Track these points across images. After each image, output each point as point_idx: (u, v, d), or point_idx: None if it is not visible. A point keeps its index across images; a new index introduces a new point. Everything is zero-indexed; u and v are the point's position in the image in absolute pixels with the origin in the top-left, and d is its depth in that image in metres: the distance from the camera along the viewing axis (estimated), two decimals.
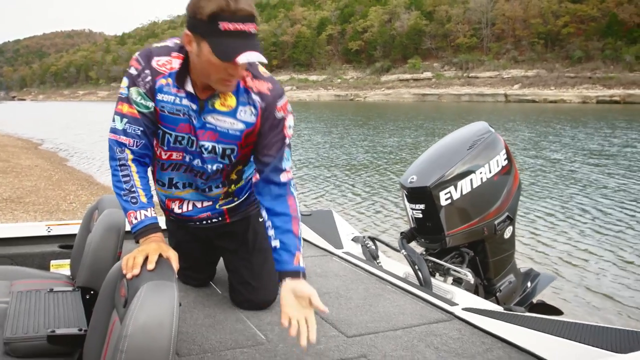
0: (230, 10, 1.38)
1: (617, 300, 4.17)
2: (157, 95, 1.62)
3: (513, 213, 2.53)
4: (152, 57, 1.61)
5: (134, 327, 1.15)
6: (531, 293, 2.73)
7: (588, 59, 66.75)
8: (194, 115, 1.63)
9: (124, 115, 1.62)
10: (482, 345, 1.70)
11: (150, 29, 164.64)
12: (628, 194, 8.29)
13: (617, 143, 15.81)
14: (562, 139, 17.35)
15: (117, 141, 1.63)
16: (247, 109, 1.63)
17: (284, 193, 1.68)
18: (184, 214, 1.88)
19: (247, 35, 1.41)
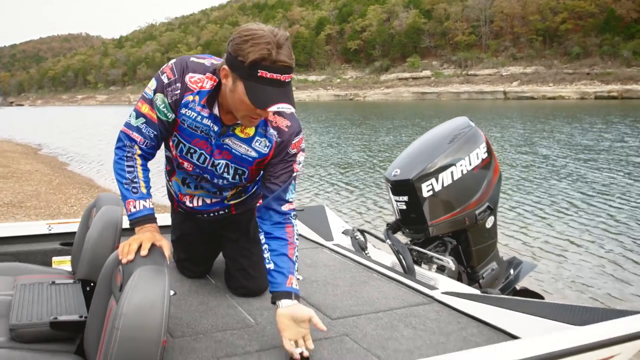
0: (272, 60, 1.46)
1: (592, 286, 4.33)
2: (181, 109, 1.70)
3: (494, 203, 2.64)
4: (187, 71, 1.68)
5: (129, 306, 1.26)
6: (514, 280, 2.84)
7: (586, 55, 66.85)
8: (214, 135, 1.72)
9: (142, 115, 1.70)
10: (458, 325, 1.81)
11: (147, 32, 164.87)
12: (614, 187, 8.42)
13: (609, 138, 15.92)
14: (555, 135, 17.46)
15: (128, 136, 1.72)
16: (262, 140, 1.73)
17: (284, 221, 1.75)
18: (195, 208, 2.01)
19: (281, 83, 1.49)
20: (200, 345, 1.62)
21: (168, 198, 2.17)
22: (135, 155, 1.72)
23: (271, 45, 1.45)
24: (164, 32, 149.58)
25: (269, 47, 1.45)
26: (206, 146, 1.76)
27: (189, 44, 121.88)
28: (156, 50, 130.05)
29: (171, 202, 2.12)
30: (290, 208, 1.77)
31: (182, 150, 1.80)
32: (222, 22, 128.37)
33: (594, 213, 6.74)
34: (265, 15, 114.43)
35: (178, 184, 1.99)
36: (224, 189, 1.94)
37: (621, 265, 4.78)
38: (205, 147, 1.76)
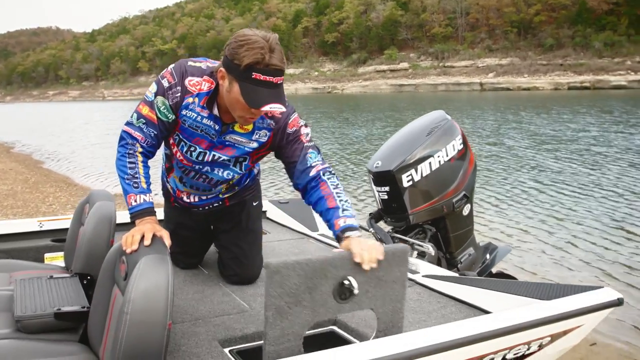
0: (265, 64, 1.59)
1: (562, 265, 4.60)
2: (182, 111, 1.82)
3: (470, 192, 2.79)
4: (186, 75, 1.80)
5: (136, 292, 1.37)
6: (490, 264, 3.01)
7: (559, 47, 68.06)
8: (215, 133, 1.85)
9: (143, 116, 1.82)
10: (438, 304, 1.96)
11: (121, 25, 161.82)
12: (572, 175, 8.73)
13: (573, 128, 16.37)
14: (523, 125, 17.84)
15: (130, 134, 1.83)
16: (261, 132, 1.86)
17: (316, 184, 1.80)
18: (192, 203, 2.13)
19: (273, 85, 1.62)
20: (200, 330, 1.73)
21: (162, 194, 2.26)
22: (136, 153, 1.82)
23: (264, 50, 1.57)
24: (137, 25, 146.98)
25: (262, 51, 1.57)
26: (206, 144, 1.88)
27: (164, 37, 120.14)
28: (130, 44, 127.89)
29: (167, 197, 2.23)
30: (318, 170, 1.81)
31: (182, 147, 1.92)
32: (198, 15, 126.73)
33: (553, 201, 7.02)
34: (242, 8, 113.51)
35: (175, 182, 2.10)
36: (218, 184, 2.05)
37: (583, 248, 5.05)
38: (204, 144, 1.88)
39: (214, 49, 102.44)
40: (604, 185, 7.83)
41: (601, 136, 13.88)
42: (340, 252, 1.49)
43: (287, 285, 1.33)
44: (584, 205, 6.70)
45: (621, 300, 1.76)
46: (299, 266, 1.36)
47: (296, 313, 1.37)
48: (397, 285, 1.54)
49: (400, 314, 1.56)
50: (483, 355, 1.57)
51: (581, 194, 7.38)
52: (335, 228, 1.69)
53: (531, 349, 1.70)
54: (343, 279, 1.44)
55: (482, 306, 1.89)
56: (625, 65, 58.99)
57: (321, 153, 1.88)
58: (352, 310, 1.48)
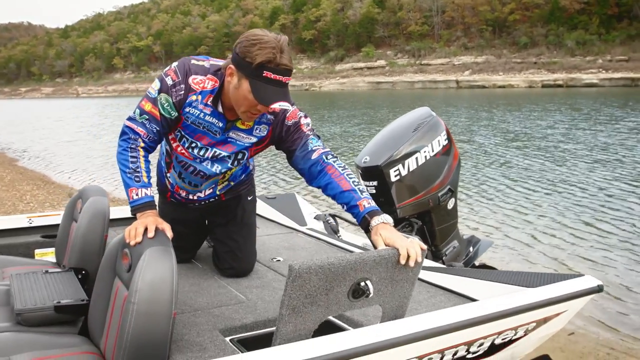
0: (276, 63, 1.65)
1: (540, 256, 4.75)
2: (185, 108, 1.86)
3: (454, 186, 2.89)
4: (190, 73, 1.84)
5: (142, 283, 1.41)
6: (473, 256, 3.11)
7: (533, 45, 69.27)
8: (219, 130, 1.89)
9: (146, 112, 1.86)
10: (427, 294, 2.04)
11: (95, 21, 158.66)
12: (538, 171, 8.96)
13: (542, 125, 16.73)
14: (493, 122, 18.16)
15: (133, 129, 1.86)
16: (261, 127, 1.92)
17: (322, 168, 1.82)
18: (189, 199, 2.17)
19: (282, 84, 1.68)
20: (200, 320, 1.78)
21: (158, 190, 2.29)
22: (138, 147, 1.86)
23: (276, 49, 1.63)
24: (112, 21, 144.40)
25: (274, 51, 1.63)
26: (207, 140, 1.93)
27: (139, 34, 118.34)
28: (105, 41, 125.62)
29: (163, 192, 2.26)
30: (320, 153, 1.84)
31: (184, 143, 1.96)
32: (174, 11, 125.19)
33: (520, 196, 7.23)
34: (218, 5, 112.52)
35: (175, 177, 2.13)
36: (213, 179, 2.09)
37: (562, 237, 5.25)
38: (206, 141, 1.93)
39: (190, 46, 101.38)
40: (570, 180, 8.08)
41: (569, 133, 14.22)
42: (362, 253, 1.49)
43: (307, 288, 1.37)
44: (549, 200, 6.91)
45: (601, 287, 1.86)
46: (322, 270, 1.39)
47: (310, 311, 1.41)
48: (408, 284, 1.59)
49: (404, 308, 1.62)
50: (473, 340, 1.65)
51: (546, 188, 7.59)
52: (360, 209, 1.70)
53: (518, 334, 1.80)
54: (361, 280, 1.47)
55: (470, 294, 1.97)
56: (596, 64, 60.41)
57: (322, 140, 1.92)
58: (362, 307, 1.53)
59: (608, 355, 3.07)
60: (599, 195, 7.06)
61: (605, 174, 8.45)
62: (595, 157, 10.09)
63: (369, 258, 1.48)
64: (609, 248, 4.96)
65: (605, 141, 12.29)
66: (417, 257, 1.52)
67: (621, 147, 11.35)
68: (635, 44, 60.53)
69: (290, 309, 1.37)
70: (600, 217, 6.00)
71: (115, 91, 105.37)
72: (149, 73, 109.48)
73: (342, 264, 1.42)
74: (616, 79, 55.44)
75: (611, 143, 12.00)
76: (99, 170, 11.19)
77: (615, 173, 8.46)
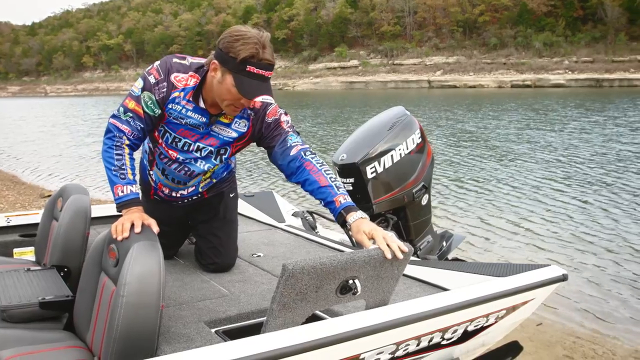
0: (259, 58, 1.71)
1: (509, 250, 4.94)
2: (168, 105, 1.91)
3: (428, 183, 2.98)
4: (172, 71, 1.89)
5: (131, 276, 1.46)
6: (446, 251, 3.21)
7: (502, 46, 70.67)
8: (202, 125, 1.94)
9: (130, 110, 1.90)
10: (404, 285, 2.13)
11: (63, 18, 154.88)
12: (482, 170, 9.28)
13: (493, 124, 17.19)
14: (450, 122, 18.54)
15: (117, 127, 1.90)
16: (241, 122, 1.97)
17: (300, 164, 1.89)
18: (172, 196, 2.21)
19: (264, 78, 1.75)
20: (185, 313, 1.83)
21: (141, 188, 2.31)
22: (123, 145, 1.89)
23: (259, 45, 1.70)
24: (81, 19, 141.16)
25: (257, 46, 1.70)
26: (190, 135, 1.97)
27: (110, 32, 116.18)
28: (74, 39, 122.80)
29: (146, 191, 2.28)
30: (298, 150, 1.91)
31: (167, 139, 2.00)
32: (145, 9, 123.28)
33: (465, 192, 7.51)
34: (190, 3, 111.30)
35: (158, 175, 2.17)
36: (196, 176, 2.13)
37: (520, 233, 5.45)
38: (189, 136, 1.98)
39: (162, 45, 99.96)
40: (508, 179, 8.36)
41: (519, 133, 14.60)
42: (352, 253, 1.54)
43: (299, 286, 1.43)
44: (498, 196, 7.22)
45: (566, 276, 1.98)
46: (314, 270, 1.44)
47: (300, 307, 1.47)
48: (392, 280, 1.67)
49: (386, 302, 1.70)
50: (447, 327, 1.75)
51: (485, 187, 7.86)
52: (336, 205, 1.79)
53: (489, 321, 1.90)
54: (349, 279, 1.54)
55: (444, 285, 2.07)
56: (563, 65, 62.04)
57: (301, 136, 1.99)
58: (348, 301, 1.59)
59: (574, 344, 3.23)
60: (533, 192, 7.36)
61: (540, 173, 8.75)
62: (537, 157, 10.41)
63: (359, 258, 1.54)
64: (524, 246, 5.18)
65: (551, 140, 12.71)
66: (396, 252, 1.61)
67: (563, 146, 11.75)
68: (599, 46, 62.46)
69: (281, 305, 1.43)
70: (533, 213, 6.27)
71: (85, 90, 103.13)
72: (119, 72, 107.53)
73: (334, 264, 1.48)
74: (582, 80, 57.07)
75: (555, 142, 12.43)
76: (70, 170, 11.01)
77: (550, 172, 8.75)
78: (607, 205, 6.56)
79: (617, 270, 4.42)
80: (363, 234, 1.68)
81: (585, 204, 6.67)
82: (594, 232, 5.52)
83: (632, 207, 6.45)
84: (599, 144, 12.03)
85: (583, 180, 8.09)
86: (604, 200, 6.84)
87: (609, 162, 9.68)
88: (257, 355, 1.31)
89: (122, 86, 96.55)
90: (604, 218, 6.02)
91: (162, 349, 1.55)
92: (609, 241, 5.20)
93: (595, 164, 9.53)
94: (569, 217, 6.08)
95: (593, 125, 16.08)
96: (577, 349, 3.16)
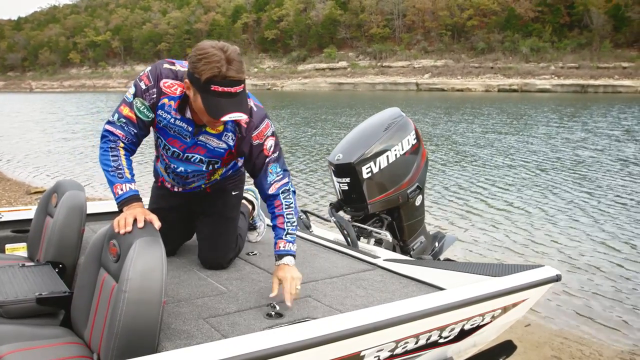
0: (222, 76, 1.71)
1: (502, 250, 5.02)
2: (158, 111, 1.94)
3: (422, 184, 3.02)
4: (161, 78, 1.91)
5: (133, 272, 1.46)
6: (439, 251, 3.25)
7: (490, 50, 71.20)
8: (188, 135, 1.97)
9: (123, 116, 1.93)
10: (400, 284, 2.15)
11: (50, 14, 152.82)
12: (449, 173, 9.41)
13: (463, 128, 17.39)
14: (420, 125, 18.65)
15: (112, 132, 1.94)
16: (229, 135, 1.99)
17: (272, 200, 2.06)
18: (174, 190, 2.27)
19: (232, 94, 1.74)
20: (184, 310, 1.83)
21: (153, 175, 2.40)
22: (118, 147, 1.93)
23: (221, 62, 1.70)
24: (68, 15, 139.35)
25: (218, 65, 1.69)
26: (178, 144, 2.01)
27: (97, 28, 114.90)
28: (60, 34, 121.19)
29: (156, 177, 2.36)
30: (276, 188, 2.03)
31: (160, 144, 2.06)
32: (133, 6, 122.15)
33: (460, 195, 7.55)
34: (180, 1, 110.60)
35: (160, 170, 2.23)
36: (199, 180, 2.18)
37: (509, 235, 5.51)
38: (177, 145, 2.01)
39: (150, 42, 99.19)
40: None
41: (484, 137, 14.81)
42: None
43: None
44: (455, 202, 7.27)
45: (559, 276, 2.02)
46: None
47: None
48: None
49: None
50: (445, 326, 1.77)
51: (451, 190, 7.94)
52: (276, 248, 2.03)
53: (484, 321, 1.93)
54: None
55: (440, 284, 2.09)
56: (549, 70, 62.73)
57: (282, 163, 2.06)
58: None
59: (562, 345, 3.28)
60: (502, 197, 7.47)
61: (492, 177, 8.92)
62: (495, 161, 10.57)
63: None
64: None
65: (513, 145, 12.92)
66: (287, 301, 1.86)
67: (526, 149, 11.99)
68: (584, 52, 63.24)
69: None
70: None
71: (72, 87, 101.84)
72: (107, 69, 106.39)
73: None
74: (567, 85, 57.77)
75: (518, 146, 12.65)
76: (58, 167, 10.90)
77: (504, 178, 8.86)
78: (592, 208, 6.67)
79: (605, 272, 4.50)
80: (275, 277, 1.96)
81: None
82: (582, 233, 5.61)
83: (617, 210, 6.57)
84: (563, 148, 12.22)
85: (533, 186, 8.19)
86: (589, 202, 6.95)
87: (608, 165, 9.82)
88: (258, 352, 1.32)
89: (109, 83, 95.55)
90: (589, 219, 6.13)
91: (163, 345, 1.55)
92: (599, 243, 5.29)
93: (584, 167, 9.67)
94: (550, 218, 6.19)
95: (557, 129, 16.34)
96: (564, 350, 3.21)
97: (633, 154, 11.26)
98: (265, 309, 1.85)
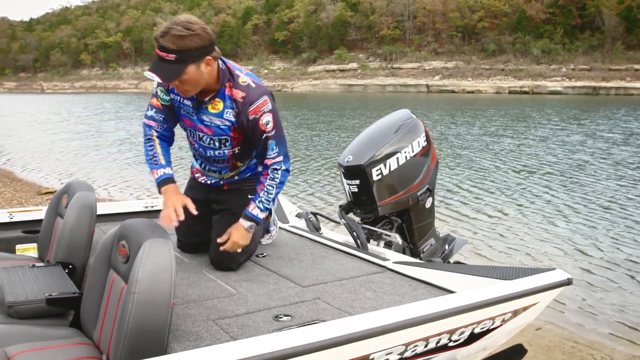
0: (157, 39, 1.95)
1: (512, 253, 4.95)
2: (171, 94, 2.17)
3: (432, 186, 3.00)
4: None
5: (143, 273, 1.46)
6: (448, 254, 3.22)
7: (501, 52, 70.80)
8: (193, 112, 2.16)
9: (153, 106, 2.22)
10: (410, 287, 2.14)
11: (62, 15, 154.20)
12: (457, 174, 9.39)
13: (463, 130, 17.29)
14: (436, 127, 18.60)
15: (147, 124, 2.25)
16: (229, 111, 2.14)
17: (263, 170, 2.27)
18: (200, 180, 2.46)
19: (161, 59, 1.94)
20: (193, 312, 1.83)
21: None
22: (153, 137, 2.22)
23: (165, 29, 1.91)
24: (80, 16, 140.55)
25: (162, 30, 1.91)
26: (189, 122, 2.20)
27: (108, 29, 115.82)
28: (72, 36, 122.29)
29: (191, 169, 2.56)
30: (270, 163, 2.23)
31: (182, 126, 2.27)
32: (144, 7, 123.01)
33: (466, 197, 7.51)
34: (190, 2, 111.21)
35: (193, 160, 2.48)
36: (223, 167, 2.32)
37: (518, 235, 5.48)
38: (188, 123, 2.21)
39: None
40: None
41: (480, 139, 14.74)
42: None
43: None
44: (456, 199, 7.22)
45: (570, 280, 2.00)
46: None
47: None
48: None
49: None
50: (455, 329, 1.76)
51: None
52: (246, 208, 2.26)
53: (495, 324, 1.91)
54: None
55: (450, 287, 2.08)
56: (560, 72, 62.25)
57: (282, 145, 2.21)
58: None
59: (573, 349, 3.24)
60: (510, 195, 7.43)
61: (503, 180, 8.89)
62: (485, 164, 10.51)
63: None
64: None
65: (510, 148, 12.86)
66: (227, 246, 2.18)
67: (523, 153, 11.90)
68: (596, 54, 62.69)
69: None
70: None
71: (83, 87, 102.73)
72: (117, 70, 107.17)
73: None
74: (579, 87, 57.29)
75: (514, 149, 12.59)
76: (66, 168, 10.98)
77: (515, 180, 8.83)
78: (605, 211, 6.59)
79: (616, 276, 4.45)
80: (230, 230, 2.25)
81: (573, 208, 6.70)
82: (595, 236, 5.55)
83: (632, 212, 6.49)
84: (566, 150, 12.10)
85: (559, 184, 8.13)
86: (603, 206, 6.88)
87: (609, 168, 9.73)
88: (267, 354, 1.32)
89: (119, 84, 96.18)
90: (603, 221, 6.06)
91: (172, 346, 1.55)
92: (612, 246, 5.23)
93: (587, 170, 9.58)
94: (562, 220, 6.13)
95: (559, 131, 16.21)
96: (575, 354, 3.17)
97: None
98: (275, 311, 1.85)
